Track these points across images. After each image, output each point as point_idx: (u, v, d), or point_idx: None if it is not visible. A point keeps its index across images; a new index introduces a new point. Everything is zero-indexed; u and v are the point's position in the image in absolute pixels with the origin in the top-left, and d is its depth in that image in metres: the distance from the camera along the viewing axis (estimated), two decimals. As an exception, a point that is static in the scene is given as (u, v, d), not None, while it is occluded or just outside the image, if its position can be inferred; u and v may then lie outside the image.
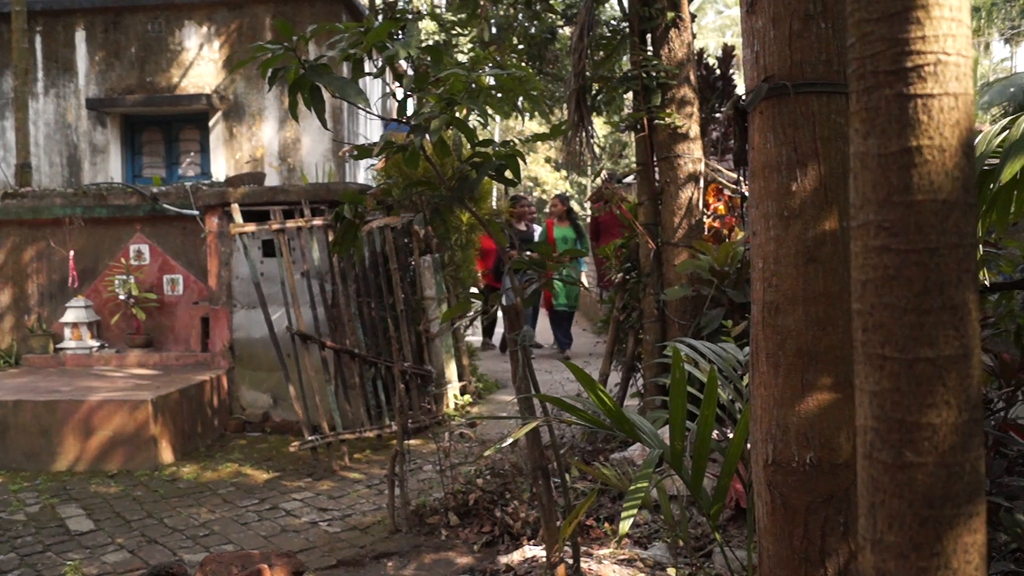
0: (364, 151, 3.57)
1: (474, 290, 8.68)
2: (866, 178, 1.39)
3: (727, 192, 5.68)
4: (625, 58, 6.27)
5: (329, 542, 4.95)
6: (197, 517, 5.48)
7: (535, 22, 8.39)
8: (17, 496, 5.97)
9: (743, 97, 2.32)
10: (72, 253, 8.58)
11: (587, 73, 5.68)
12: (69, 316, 8.44)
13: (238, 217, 7.39)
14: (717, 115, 6.42)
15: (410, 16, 10.22)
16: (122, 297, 8.34)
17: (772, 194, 2.19)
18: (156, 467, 6.60)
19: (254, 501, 5.78)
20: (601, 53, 6.05)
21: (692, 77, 5.47)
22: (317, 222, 7.34)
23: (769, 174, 2.20)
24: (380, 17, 9.29)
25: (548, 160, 27.31)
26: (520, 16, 8.57)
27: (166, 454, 6.74)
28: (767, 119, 2.21)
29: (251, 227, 7.33)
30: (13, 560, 4.81)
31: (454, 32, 9.67)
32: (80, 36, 12.12)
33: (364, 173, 12.64)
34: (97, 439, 6.65)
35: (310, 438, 6.61)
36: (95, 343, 8.54)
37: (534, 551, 3.94)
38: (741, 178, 5.48)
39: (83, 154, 12.19)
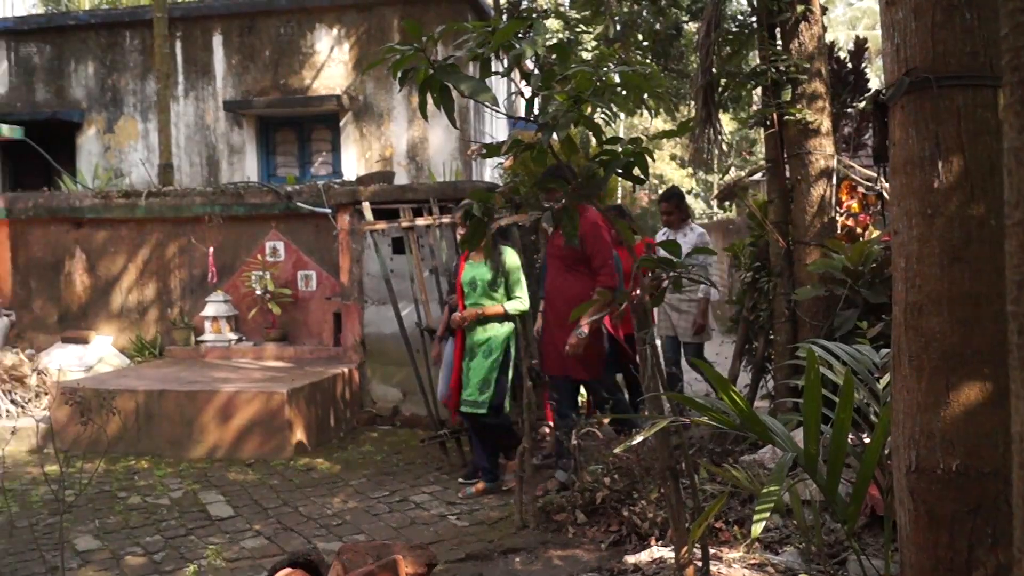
0: (493, 149, 3.60)
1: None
2: (1022, 175, 1.34)
3: (861, 189, 5.51)
4: (752, 53, 6.16)
5: (457, 535, 5.04)
6: (330, 506, 5.66)
7: (660, 18, 8.29)
8: (162, 481, 6.30)
9: (883, 91, 2.26)
10: (212, 249, 8.96)
11: (714, 69, 5.60)
12: (209, 310, 8.83)
13: (369, 215, 7.59)
14: (849, 110, 6.24)
15: (535, 15, 10.27)
16: (258, 292, 8.66)
17: (914, 191, 2.12)
18: (290, 457, 6.85)
19: (384, 493, 5.93)
20: (728, 48, 5.96)
21: (823, 71, 5.33)
22: (445, 220, 7.46)
23: (911, 170, 2.14)
24: (505, 16, 9.36)
25: (673, 157, 26.97)
26: (645, 12, 8.49)
27: (300, 445, 6.99)
28: (909, 114, 2.14)
29: (381, 225, 7.51)
30: (159, 542, 5.08)
31: (579, 30, 9.65)
32: (217, 40, 12.60)
33: (490, 171, 12.77)
34: (234, 428, 6.95)
35: (438, 432, 6.73)
36: (233, 336, 8.90)
37: (662, 552, 3.91)
38: (880, 175, 5.31)
39: (221, 154, 12.68)
